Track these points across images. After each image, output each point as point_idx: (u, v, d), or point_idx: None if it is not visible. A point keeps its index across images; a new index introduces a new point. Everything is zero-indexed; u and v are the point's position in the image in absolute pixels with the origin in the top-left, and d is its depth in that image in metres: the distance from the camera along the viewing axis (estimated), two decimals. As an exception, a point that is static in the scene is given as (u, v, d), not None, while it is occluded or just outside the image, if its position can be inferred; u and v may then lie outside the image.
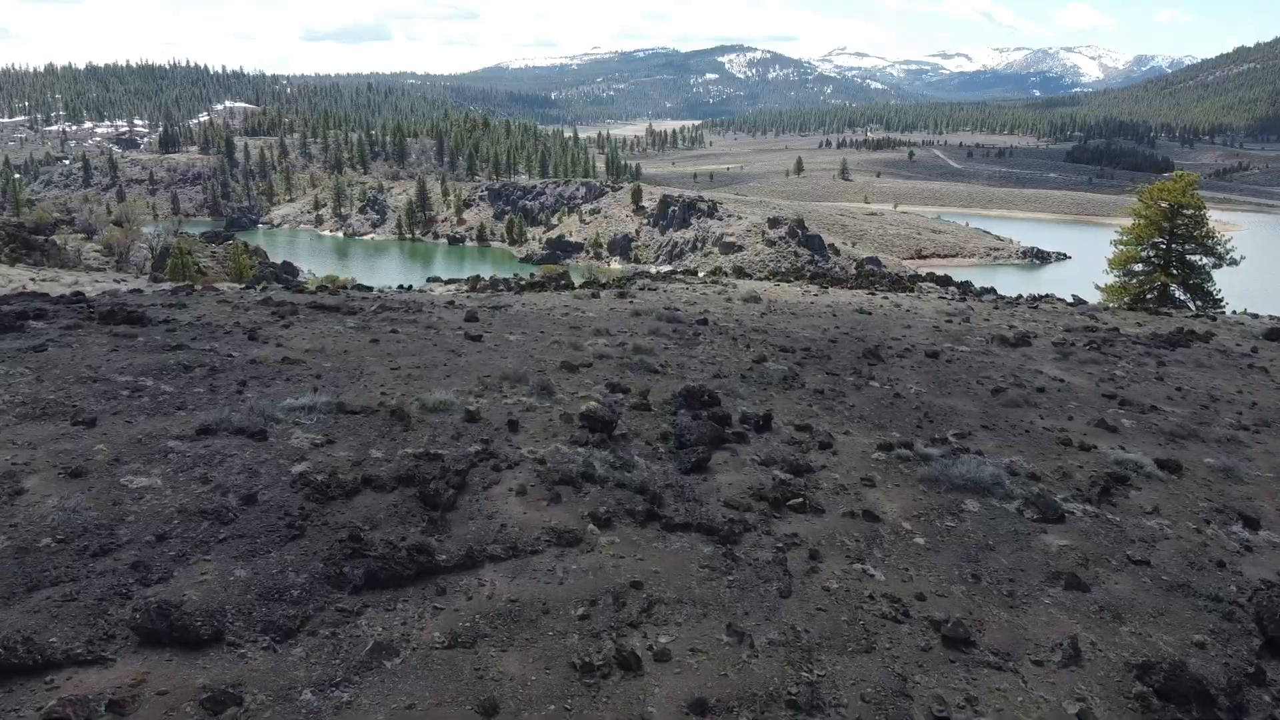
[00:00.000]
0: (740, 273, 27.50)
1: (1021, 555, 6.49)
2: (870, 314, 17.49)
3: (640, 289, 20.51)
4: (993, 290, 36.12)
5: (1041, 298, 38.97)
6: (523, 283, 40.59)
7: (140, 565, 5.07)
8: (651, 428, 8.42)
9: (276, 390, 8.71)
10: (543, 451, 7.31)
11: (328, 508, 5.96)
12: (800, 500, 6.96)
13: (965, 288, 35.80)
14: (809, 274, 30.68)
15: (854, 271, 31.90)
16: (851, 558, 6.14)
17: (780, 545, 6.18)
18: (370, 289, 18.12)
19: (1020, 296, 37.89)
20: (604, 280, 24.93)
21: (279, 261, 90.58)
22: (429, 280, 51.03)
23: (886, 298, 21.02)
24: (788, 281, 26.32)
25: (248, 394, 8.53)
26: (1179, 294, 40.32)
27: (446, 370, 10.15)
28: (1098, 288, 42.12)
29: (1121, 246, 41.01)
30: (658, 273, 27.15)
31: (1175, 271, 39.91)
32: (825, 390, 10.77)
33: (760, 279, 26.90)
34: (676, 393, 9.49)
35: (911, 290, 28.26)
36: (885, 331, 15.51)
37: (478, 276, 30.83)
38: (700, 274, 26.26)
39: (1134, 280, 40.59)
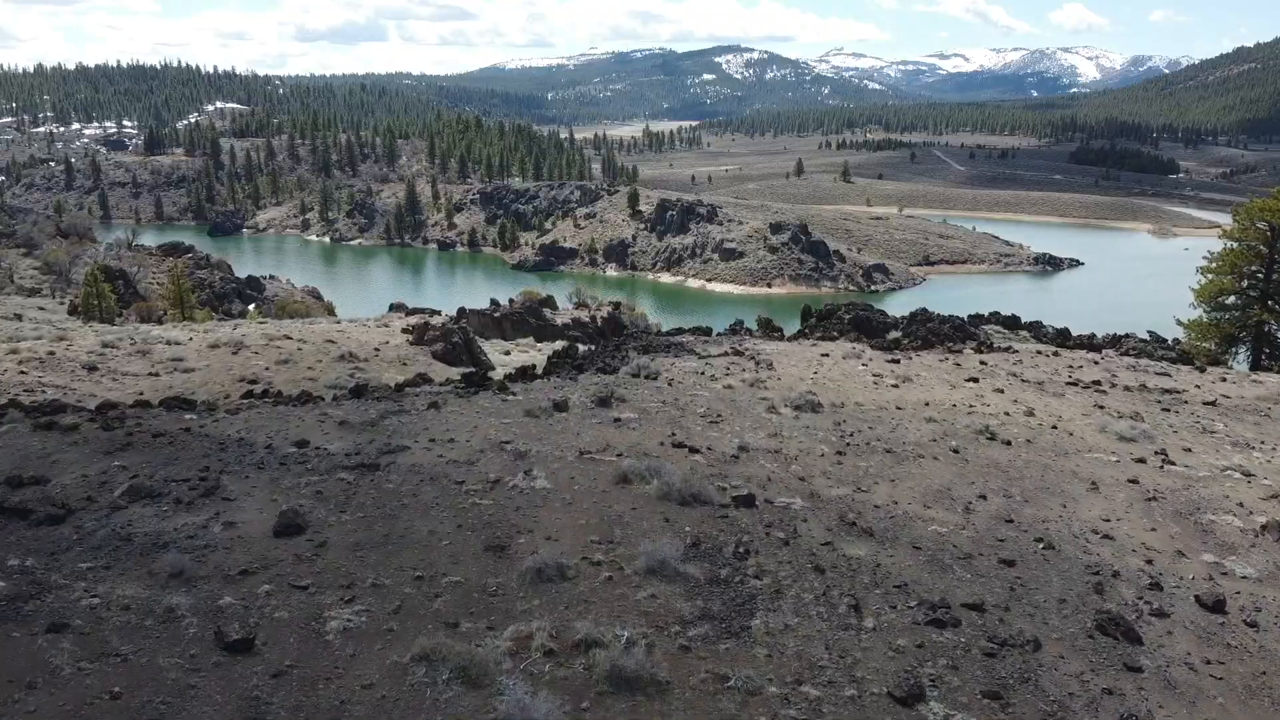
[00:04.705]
0: (769, 329, 20.73)
1: None
2: (1009, 444, 10.72)
3: (633, 376, 13.72)
4: (1067, 332, 29.38)
5: (1122, 338, 32.40)
6: (494, 312, 34.05)
7: None
8: None
9: None
10: None
11: None
12: None
13: (1037, 329, 29.13)
14: (847, 319, 24.10)
15: (902, 315, 25.36)
16: None
17: None
18: (195, 409, 10.90)
19: (1095, 337, 31.30)
20: (582, 346, 18.27)
21: (244, 276, 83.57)
22: (391, 308, 44.50)
23: (999, 390, 14.26)
24: (831, 340, 19.61)
25: None
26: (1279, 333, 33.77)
27: None
28: (1179, 323, 35.50)
29: (1211, 276, 34.38)
30: (656, 330, 20.46)
31: (1277, 306, 33.33)
32: None
33: (794, 339, 20.09)
34: None
35: (990, 346, 21.54)
36: (1069, 508, 8.73)
37: (426, 323, 24.08)
38: (715, 333, 19.47)
39: (1225, 316, 34.02)
